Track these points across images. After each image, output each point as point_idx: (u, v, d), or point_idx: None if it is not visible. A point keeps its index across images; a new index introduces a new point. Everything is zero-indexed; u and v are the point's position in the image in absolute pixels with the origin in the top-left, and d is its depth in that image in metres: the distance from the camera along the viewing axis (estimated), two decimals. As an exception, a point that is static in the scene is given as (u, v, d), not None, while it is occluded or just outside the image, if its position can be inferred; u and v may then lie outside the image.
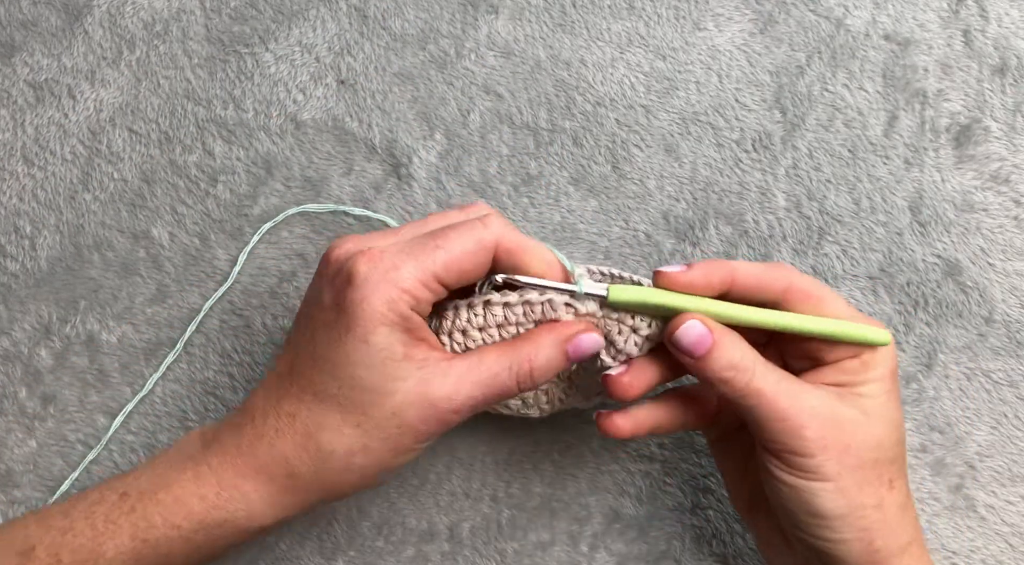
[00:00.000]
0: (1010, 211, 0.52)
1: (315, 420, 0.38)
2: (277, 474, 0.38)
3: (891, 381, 0.41)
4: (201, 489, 0.38)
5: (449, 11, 0.54)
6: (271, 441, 0.38)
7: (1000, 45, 0.54)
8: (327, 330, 0.38)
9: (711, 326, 0.39)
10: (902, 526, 0.40)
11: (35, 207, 0.53)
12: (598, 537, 0.50)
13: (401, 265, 0.37)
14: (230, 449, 0.38)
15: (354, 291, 0.37)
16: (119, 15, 0.54)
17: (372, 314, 0.37)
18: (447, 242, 0.38)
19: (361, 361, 0.37)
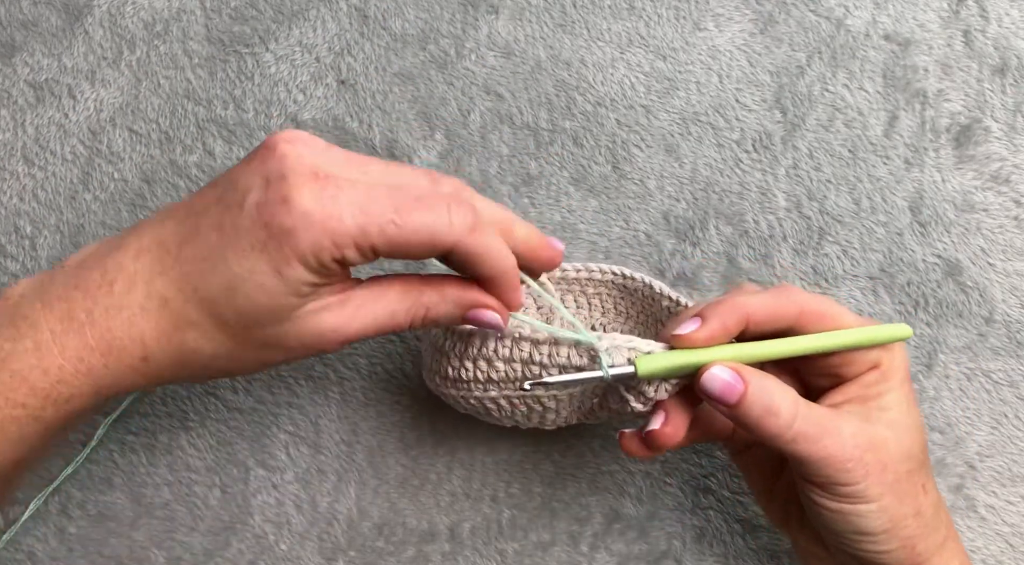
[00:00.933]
0: (1010, 211, 0.52)
1: (188, 315, 0.34)
2: (130, 354, 0.34)
3: (908, 386, 0.41)
4: (43, 361, 0.34)
5: (449, 11, 0.54)
6: (131, 318, 0.34)
7: (1000, 45, 0.54)
8: (238, 236, 0.33)
9: (742, 372, 0.38)
10: (938, 525, 0.41)
11: (35, 207, 0.53)
12: (598, 537, 0.50)
13: (347, 218, 0.33)
14: (77, 314, 0.34)
15: (287, 217, 0.33)
16: (119, 15, 0.54)
17: (296, 249, 0.33)
18: (405, 220, 0.34)
19: (262, 285, 0.34)
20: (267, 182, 0.33)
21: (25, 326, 0.34)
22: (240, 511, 0.50)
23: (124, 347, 0.34)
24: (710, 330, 0.38)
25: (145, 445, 0.50)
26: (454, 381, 0.42)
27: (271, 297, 0.34)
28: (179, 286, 0.34)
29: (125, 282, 0.34)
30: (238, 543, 0.49)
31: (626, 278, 0.47)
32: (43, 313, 0.34)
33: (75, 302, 0.34)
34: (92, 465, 0.50)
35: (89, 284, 0.34)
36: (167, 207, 0.37)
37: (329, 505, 0.50)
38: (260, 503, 0.50)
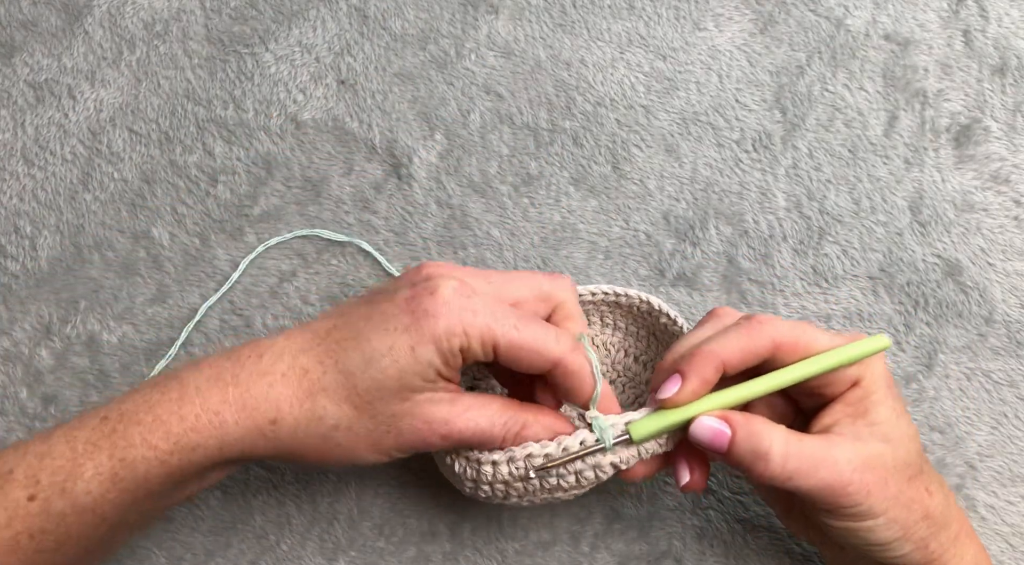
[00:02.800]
0: (1010, 211, 0.52)
1: (324, 383, 0.39)
2: (262, 415, 0.38)
3: (893, 398, 0.42)
4: (182, 408, 0.38)
5: (449, 11, 0.54)
6: (272, 382, 0.38)
7: (1000, 45, 0.54)
8: (384, 320, 0.39)
9: (728, 418, 0.40)
10: (948, 521, 0.42)
11: (35, 207, 0.53)
12: (599, 537, 0.50)
13: (479, 314, 0.38)
14: (225, 376, 0.39)
15: (431, 303, 0.38)
16: (119, 15, 0.54)
17: (432, 331, 0.38)
18: (524, 330, 0.39)
19: (397, 362, 0.38)
20: (414, 284, 0.40)
21: (175, 383, 0.39)
22: (241, 511, 0.50)
23: (258, 407, 0.38)
24: (691, 388, 0.40)
25: (145, 445, 0.50)
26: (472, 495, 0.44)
27: (401, 372, 0.38)
28: (321, 359, 0.39)
29: (273, 355, 0.39)
30: (239, 543, 0.50)
31: (619, 296, 0.47)
32: (192, 373, 0.39)
33: (224, 368, 0.39)
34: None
35: (240, 356, 0.39)
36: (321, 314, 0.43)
37: (330, 505, 0.50)
38: (261, 503, 0.50)
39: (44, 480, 0.37)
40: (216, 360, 0.40)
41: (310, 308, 0.51)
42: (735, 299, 0.51)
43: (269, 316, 0.51)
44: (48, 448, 0.38)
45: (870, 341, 0.41)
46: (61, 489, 0.37)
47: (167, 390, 0.39)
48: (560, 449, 0.41)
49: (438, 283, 0.39)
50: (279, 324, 0.51)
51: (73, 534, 0.38)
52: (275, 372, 0.39)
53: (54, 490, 0.37)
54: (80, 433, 0.38)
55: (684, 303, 0.51)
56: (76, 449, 0.38)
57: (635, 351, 0.50)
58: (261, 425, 0.38)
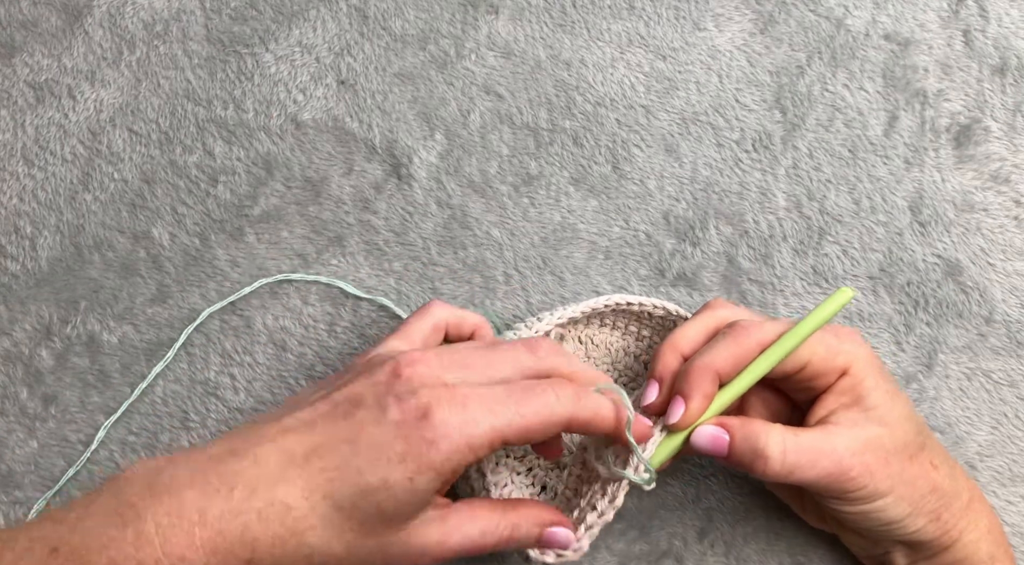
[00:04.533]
0: (1010, 211, 0.52)
1: (311, 521, 0.35)
2: (236, 557, 0.34)
3: (885, 381, 0.42)
4: (140, 553, 0.33)
5: (449, 11, 0.54)
6: (247, 523, 0.34)
7: (1000, 45, 0.54)
8: (375, 450, 0.35)
9: (725, 424, 0.40)
10: (959, 491, 0.43)
11: (35, 207, 0.53)
12: (599, 537, 0.50)
13: (481, 423, 0.35)
14: (189, 513, 0.34)
15: (428, 429, 0.35)
16: (119, 15, 0.54)
17: (433, 460, 0.35)
18: (526, 412, 0.36)
19: (395, 497, 0.35)
20: (399, 400, 0.36)
21: (130, 514, 0.34)
22: (241, 511, 0.50)
23: (231, 549, 0.34)
24: (695, 406, 0.40)
25: (146, 445, 0.50)
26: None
27: (398, 506, 0.35)
28: (306, 494, 0.35)
29: (244, 488, 0.35)
30: (239, 543, 0.49)
31: (630, 305, 0.47)
32: (150, 503, 0.34)
33: (186, 500, 0.34)
34: (94, 466, 0.50)
35: (206, 485, 0.35)
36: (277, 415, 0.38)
37: None
38: (261, 503, 0.50)
39: None
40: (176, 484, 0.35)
41: (310, 308, 0.51)
42: (735, 299, 0.51)
43: (269, 316, 0.51)
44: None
45: (834, 297, 0.42)
46: None
47: (122, 525, 0.34)
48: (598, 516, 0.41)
49: (427, 402, 0.35)
50: (279, 324, 0.51)
51: None
52: (249, 510, 0.34)
53: None
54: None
55: (684, 303, 0.51)
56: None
57: (635, 350, 0.50)
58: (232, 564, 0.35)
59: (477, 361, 0.39)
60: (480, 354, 0.39)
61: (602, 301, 0.47)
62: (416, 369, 0.37)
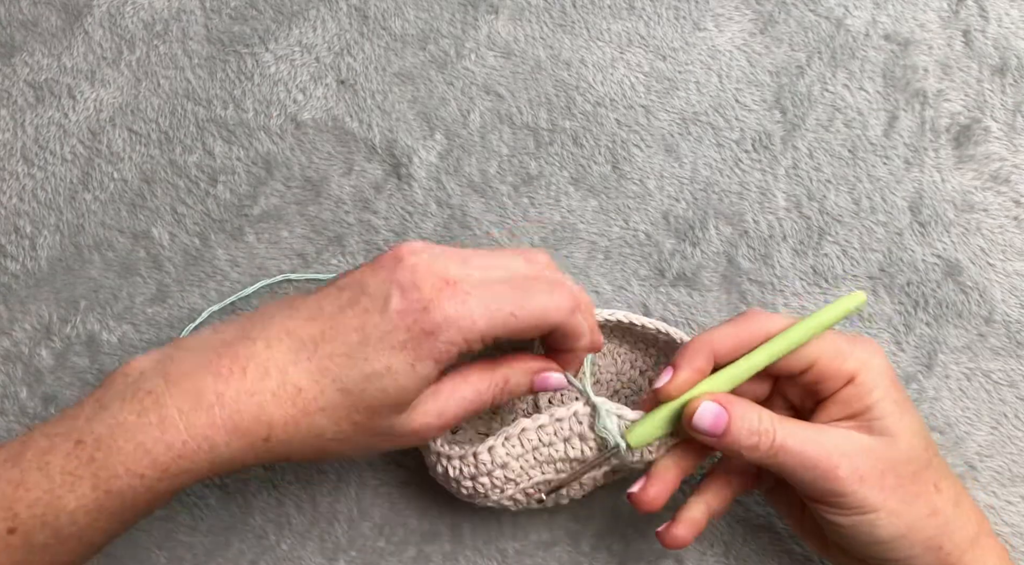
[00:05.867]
0: (1010, 211, 0.52)
1: (321, 403, 0.37)
2: (254, 434, 0.37)
3: (896, 392, 0.41)
4: (166, 436, 0.36)
5: (449, 11, 0.54)
6: (262, 402, 0.36)
7: (1000, 45, 0.54)
8: (380, 336, 0.37)
9: (722, 401, 0.40)
10: (963, 521, 0.41)
11: (35, 207, 0.53)
12: (599, 537, 0.50)
13: (478, 319, 0.37)
14: (207, 394, 0.36)
15: (428, 322, 0.37)
16: (119, 15, 0.54)
17: (433, 348, 0.37)
18: (521, 312, 0.38)
19: (397, 381, 0.37)
20: (403, 290, 0.37)
21: (149, 401, 0.36)
22: (241, 511, 0.50)
23: (249, 428, 0.36)
24: (684, 376, 0.41)
25: (145, 445, 0.50)
26: (470, 496, 0.45)
27: (401, 390, 0.38)
28: (315, 377, 0.37)
29: (257, 369, 0.37)
30: (239, 543, 0.50)
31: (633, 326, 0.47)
32: (168, 390, 0.36)
33: (204, 383, 0.36)
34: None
35: (220, 368, 0.37)
36: (286, 302, 0.40)
37: (330, 505, 0.50)
38: (261, 503, 0.50)
39: (22, 513, 0.35)
40: (191, 369, 0.37)
41: (310, 308, 0.51)
42: (735, 299, 0.51)
43: (269, 316, 0.51)
44: (21, 475, 0.36)
45: (846, 299, 0.41)
46: (42, 522, 0.35)
47: (143, 411, 0.36)
48: (553, 420, 0.43)
49: (429, 296, 0.37)
50: (279, 324, 0.51)
51: (58, 560, 0.37)
52: (264, 391, 0.36)
53: (34, 523, 0.35)
54: (54, 459, 0.36)
55: (684, 303, 0.51)
56: (53, 479, 0.35)
57: (642, 365, 0.50)
58: (254, 443, 0.37)
59: (478, 259, 0.40)
60: (480, 252, 0.40)
61: (604, 314, 0.47)
62: (420, 258, 0.38)
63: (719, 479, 0.44)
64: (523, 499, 0.45)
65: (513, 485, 0.44)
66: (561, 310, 0.39)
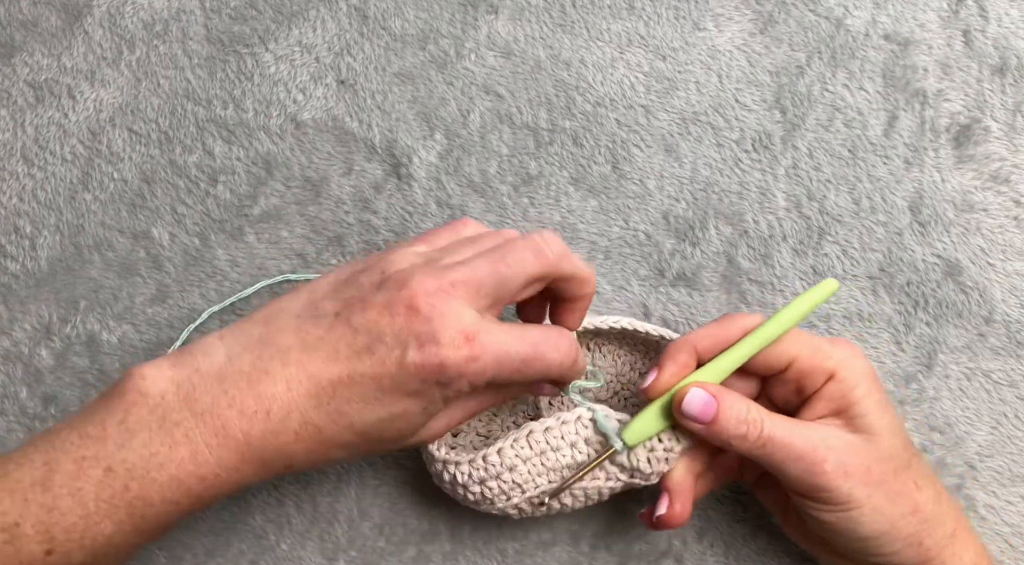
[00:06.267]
0: (1010, 211, 0.52)
1: (339, 442, 0.39)
2: (278, 466, 0.39)
3: (877, 391, 0.42)
4: (200, 470, 0.38)
5: (449, 11, 0.54)
6: (287, 442, 0.38)
7: (1000, 45, 0.54)
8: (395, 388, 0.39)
9: (711, 389, 0.41)
10: (942, 518, 0.42)
11: (35, 207, 0.53)
12: (599, 537, 0.50)
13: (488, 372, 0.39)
14: (235, 433, 0.38)
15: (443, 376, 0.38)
16: (119, 15, 0.54)
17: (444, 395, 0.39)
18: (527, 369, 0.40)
19: (411, 423, 0.40)
20: (420, 344, 0.38)
21: (179, 434, 0.38)
22: (241, 511, 0.50)
23: (274, 461, 0.39)
24: (668, 372, 0.42)
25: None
26: (476, 502, 0.45)
27: (411, 426, 0.40)
28: (334, 419, 0.39)
29: (280, 411, 0.38)
30: (239, 543, 0.50)
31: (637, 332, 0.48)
32: (196, 425, 0.38)
33: (230, 421, 0.38)
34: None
35: (243, 408, 0.38)
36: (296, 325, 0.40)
37: (330, 505, 0.50)
38: (260, 503, 0.50)
39: (59, 537, 0.36)
40: (214, 403, 0.38)
41: (310, 308, 0.51)
42: (735, 299, 0.51)
43: (269, 316, 0.51)
44: (53, 501, 0.36)
45: (818, 287, 0.43)
46: (80, 545, 0.37)
47: (173, 444, 0.37)
48: (560, 423, 0.43)
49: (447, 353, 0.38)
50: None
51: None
52: (288, 431, 0.38)
53: (72, 545, 0.37)
54: (85, 486, 0.36)
55: (684, 303, 0.51)
56: (87, 506, 0.36)
57: (641, 367, 0.50)
58: (276, 471, 0.40)
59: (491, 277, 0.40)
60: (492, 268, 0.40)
61: (609, 321, 0.47)
62: (434, 306, 0.38)
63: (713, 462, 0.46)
64: (527, 509, 0.45)
65: (519, 492, 0.44)
66: (563, 368, 0.41)
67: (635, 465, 0.43)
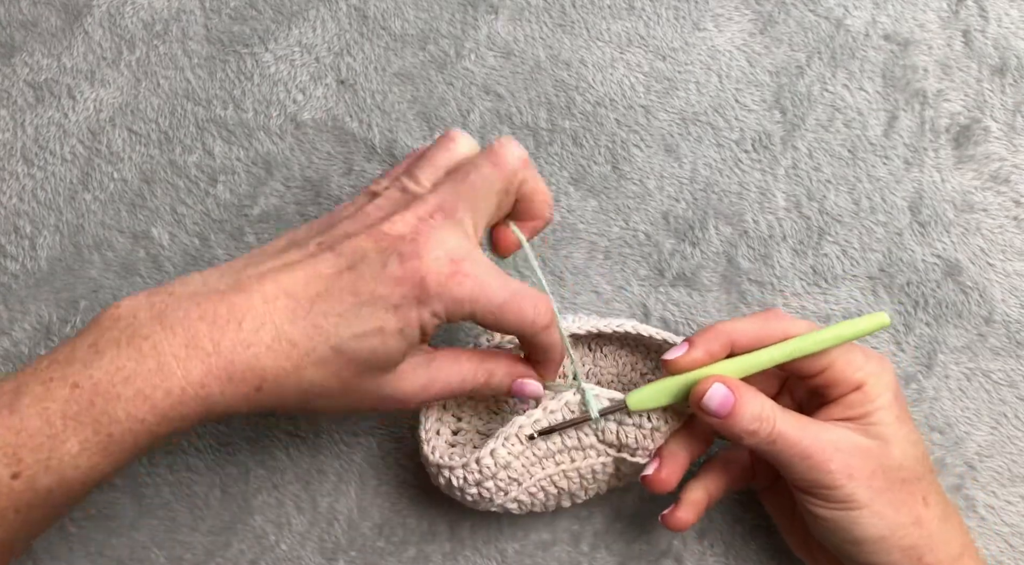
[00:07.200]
0: (1010, 211, 0.52)
1: (313, 358, 0.38)
2: (247, 384, 0.37)
3: (897, 404, 0.42)
4: (165, 383, 0.36)
5: (449, 11, 0.54)
6: (257, 354, 0.37)
7: (1000, 45, 0.54)
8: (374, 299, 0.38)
9: (730, 385, 0.41)
10: (948, 538, 0.42)
11: (35, 207, 0.53)
12: (599, 537, 0.50)
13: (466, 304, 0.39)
14: (203, 343, 0.37)
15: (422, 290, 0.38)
16: (119, 15, 0.54)
17: (420, 316, 0.39)
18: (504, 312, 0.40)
19: (386, 343, 0.38)
20: (402, 258, 0.38)
21: (147, 347, 0.37)
22: (240, 511, 0.50)
23: (244, 378, 0.37)
24: (695, 355, 0.42)
25: (145, 445, 0.50)
26: (474, 502, 0.45)
27: (388, 352, 0.39)
28: (309, 334, 0.38)
29: (254, 321, 0.37)
30: (239, 543, 0.50)
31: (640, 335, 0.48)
32: (165, 337, 0.37)
33: (200, 332, 0.37)
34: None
35: (216, 317, 0.37)
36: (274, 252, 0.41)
37: (329, 505, 0.50)
38: (260, 503, 0.50)
39: (26, 458, 0.36)
40: (185, 315, 0.37)
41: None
42: (735, 299, 0.51)
43: (269, 316, 0.51)
44: (21, 422, 0.36)
45: (870, 317, 0.42)
46: (46, 466, 0.36)
47: (141, 358, 0.36)
48: (547, 413, 0.44)
49: (429, 268, 0.38)
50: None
51: (59, 503, 0.37)
52: (259, 343, 0.37)
53: (38, 467, 0.36)
54: (52, 405, 0.36)
55: (684, 303, 0.51)
56: (54, 424, 0.36)
57: (643, 368, 0.50)
58: (247, 392, 0.38)
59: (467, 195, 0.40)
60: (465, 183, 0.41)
61: (613, 324, 0.47)
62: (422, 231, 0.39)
63: (717, 468, 0.46)
64: (526, 500, 0.45)
65: (516, 485, 0.44)
66: (537, 324, 0.41)
67: (623, 441, 0.44)
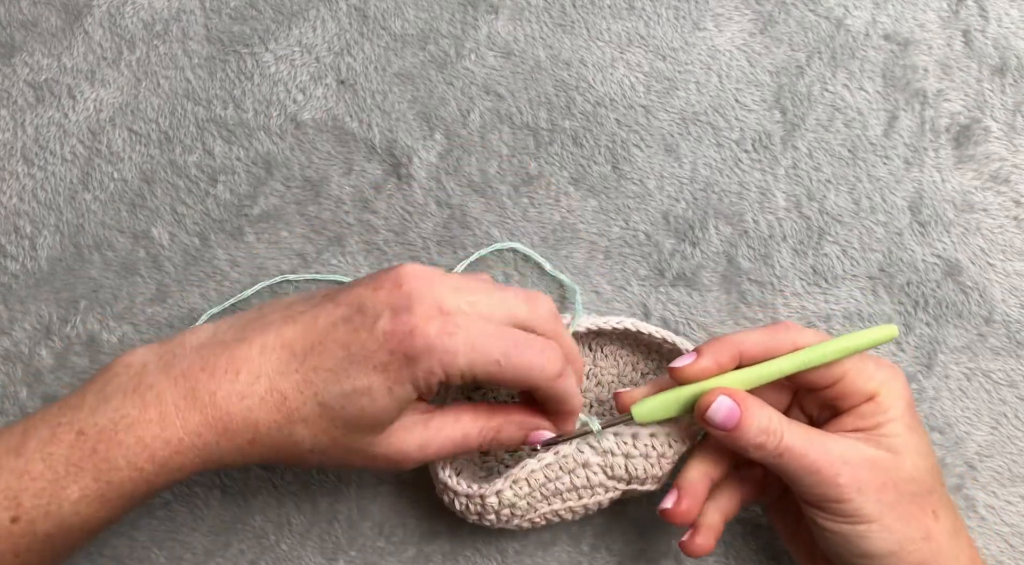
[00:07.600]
0: (1010, 211, 0.52)
1: (303, 413, 0.38)
2: (241, 436, 0.38)
3: (910, 416, 0.42)
4: (165, 432, 0.37)
5: (449, 11, 0.54)
6: (251, 406, 0.38)
7: (1000, 45, 0.54)
8: (364, 357, 0.38)
9: (736, 397, 0.41)
10: (957, 553, 0.41)
11: (35, 207, 0.53)
12: (599, 537, 0.50)
13: (460, 356, 0.38)
14: (202, 394, 0.38)
15: (410, 346, 0.37)
16: (119, 15, 0.54)
17: (411, 373, 0.38)
18: (507, 364, 0.39)
19: (375, 402, 0.38)
20: (394, 312, 0.38)
21: (151, 396, 0.38)
22: (241, 511, 0.50)
23: (238, 430, 0.38)
24: (703, 365, 0.41)
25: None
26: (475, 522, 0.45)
27: (378, 411, 0.38)
28: (300, 388, 0.38)
29: (249, 373, 0.38)
30: (239, 543, 0.50)
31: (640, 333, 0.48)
32: (168, 386, 0.38)
33: (200, 382, 0.38)
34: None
35: (215, 368, 0.38)
36: (284, 306, 0.41)
37: (330, 505, 0.50)
38: (261, 503, 0.50)
39: (26, 502, 0.36)
40: (189, 367, 0.38)
41: (310, 308, 0.51)
42: (735, 299, 0.51)
43: (269, 316, 0.51)
44: (25, 466, 0.37)
45: (880, 329, 0.42)
46: (45, 512, 0.37)
47: (143, 406, 0.38)
48: (559, 457, 0.43)
49: (418, 322, 0.38)
50: (279, 324, 0.51)
51: (59, 549, 0.38)
52: (253, 395, 0.38)
53: (38, 513, 0.37)
54: (57, 450, 0.37)
55: (684, 303, 0.51)
56: (57, 470, 0.37)
57: (643, 368, 0.50)
58: (240, 445, 0.38)
59: (481, 294, 0.40)
60: (483, 287, 0.41)
61: (612, 321, 0.47)
62: (419, 283, 0.39)
63: (729, 486, 0.45)
64: (528, 527, 0.45)
65: (519, 518, 0.44)
66: (546, 373, 0.40)
67: (633, 474, 0.44)
